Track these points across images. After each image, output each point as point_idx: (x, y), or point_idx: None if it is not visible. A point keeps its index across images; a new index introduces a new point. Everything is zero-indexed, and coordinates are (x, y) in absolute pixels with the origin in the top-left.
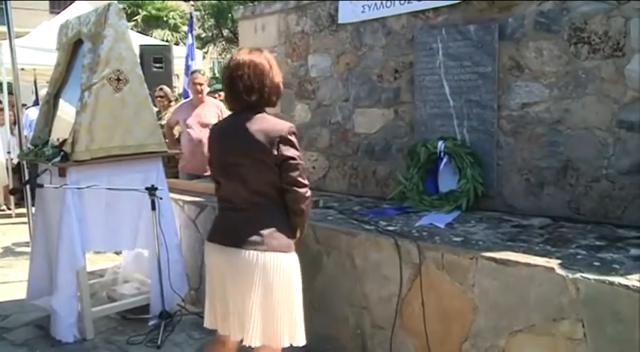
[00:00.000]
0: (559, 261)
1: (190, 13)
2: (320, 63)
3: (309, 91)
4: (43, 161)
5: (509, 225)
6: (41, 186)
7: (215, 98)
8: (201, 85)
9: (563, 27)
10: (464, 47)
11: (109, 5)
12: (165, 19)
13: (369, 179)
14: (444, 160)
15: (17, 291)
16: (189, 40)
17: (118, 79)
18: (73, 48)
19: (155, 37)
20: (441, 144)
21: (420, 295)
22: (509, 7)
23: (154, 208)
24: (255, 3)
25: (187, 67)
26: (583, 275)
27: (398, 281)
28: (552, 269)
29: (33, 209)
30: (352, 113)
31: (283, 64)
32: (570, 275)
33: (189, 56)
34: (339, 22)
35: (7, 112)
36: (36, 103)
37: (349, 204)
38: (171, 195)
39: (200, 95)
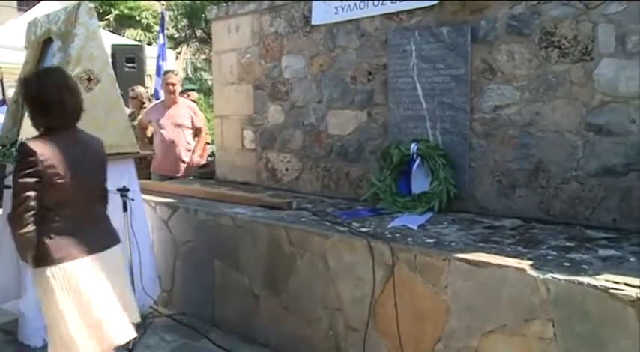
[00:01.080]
0: (530, 262)
1: (162, 13)
2: (293, 64)
3: (282, 92)
4: (11, 162)
5: (481, 226)
6: (9, 187)
7: (185, 98)
8: (173, 85)
9: (534, 31)
10: (437, 49)
11: (80, 4)
12: (137, 18)
13: (343, 180)
14: (417, 162)
15: None
16: (161, 40)
17: (89, 79)
18: (42, 46)
19: (127, 37)
20: (413, 146)
21: (394, 296)
22: (482, 9)
23: (125, 210)
24: (229, 3)
25: (158, 67)
26: (553, 275)
27: (371, 282)
28: (524, 270)
29: (0, 210)
30: (325, 115)
31: (257, 65)
32: (541, 276)
33: (161, 56)
34: (313, 23)
35: None
36: (3, 103)
37: (322, 206)
38: (143, 196)
39: (173, 95)
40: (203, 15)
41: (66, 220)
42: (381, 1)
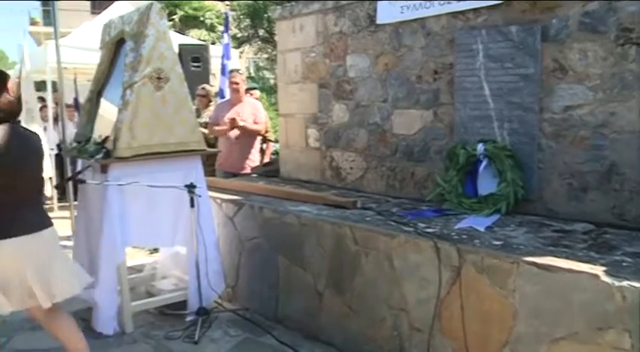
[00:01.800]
0: (604, 268)
1: (226, 13)
2: (358, 63)
3: (347, 92)
4: (86, 157)
5: (550, 229)
6: (84, 181)
7: (249, 97)
8: (237, 83)
9: (610, 28)
10: (505, 48)
11: (151, 5)
12: (201, 18)
13: (407, 180)
14: (484, 163)
15: None
16: (225, 40)
17: (159, 78)
18: (115, 47)
19: (192, 37)
20: (480, 147)
21: (460, 298)
22: (553, 7)
23: (192, 206)
24: (293, 3)
25: (223, 66)
26: (630, 283)
27: (437, 283)
28: (597, 276)
29: (75, 203)
30: (391, 114)
31: (321, 64)
32: (616, 283)
33: (225, 56)
34: (378, 22)
35: (50, 110)
36: (76, 101)
37: (387, 206)
38: (210, 193)
39: (237, 94)
40: (265, 15)
41: (2, 203)
42: (447, 0)
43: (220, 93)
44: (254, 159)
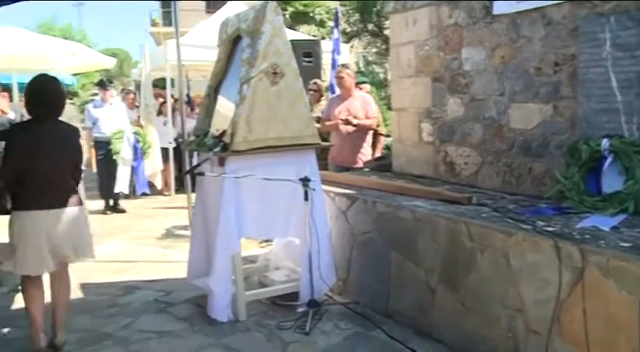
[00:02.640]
0: None
1: (336, 9)
2: (474, 56)
3: (462, 85)
4: (205, 150)
5: None
6: (202, 174)
7: (359, 90)
8: (341, 78)
9: None
10: (636, 36)
11: (267, 3)
12: (311, 14)
13: (524, 177)
14: (609, 159)
15: (178, 270)
16: (335, 35)
17: (275, 73)
18: (232, 44)
19: (302, 33)
20: (605, 142)
21: (582, 301)
22: None
23: (306, 199)
24: None
25: (334, 61)
26: None
27: (556, 284)
28: None
29: (192, 195)
30: (507, 108)
31: (435, 58)
32: None
33: (336, 50)
34: (494, 13)
35: (169, 105)
36: (188, 96)
37: (503, 202)
38: (323, 186)
39: (344, 89)
40: (374, 9)
41: (40, 184)
42: None
43: (331, 88)
44: (366, 153)
